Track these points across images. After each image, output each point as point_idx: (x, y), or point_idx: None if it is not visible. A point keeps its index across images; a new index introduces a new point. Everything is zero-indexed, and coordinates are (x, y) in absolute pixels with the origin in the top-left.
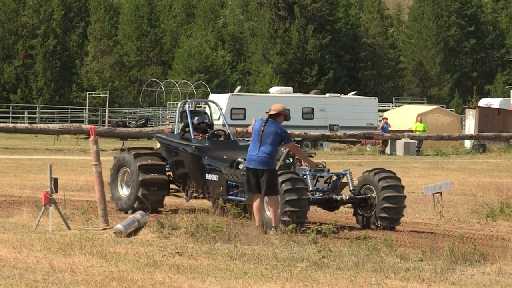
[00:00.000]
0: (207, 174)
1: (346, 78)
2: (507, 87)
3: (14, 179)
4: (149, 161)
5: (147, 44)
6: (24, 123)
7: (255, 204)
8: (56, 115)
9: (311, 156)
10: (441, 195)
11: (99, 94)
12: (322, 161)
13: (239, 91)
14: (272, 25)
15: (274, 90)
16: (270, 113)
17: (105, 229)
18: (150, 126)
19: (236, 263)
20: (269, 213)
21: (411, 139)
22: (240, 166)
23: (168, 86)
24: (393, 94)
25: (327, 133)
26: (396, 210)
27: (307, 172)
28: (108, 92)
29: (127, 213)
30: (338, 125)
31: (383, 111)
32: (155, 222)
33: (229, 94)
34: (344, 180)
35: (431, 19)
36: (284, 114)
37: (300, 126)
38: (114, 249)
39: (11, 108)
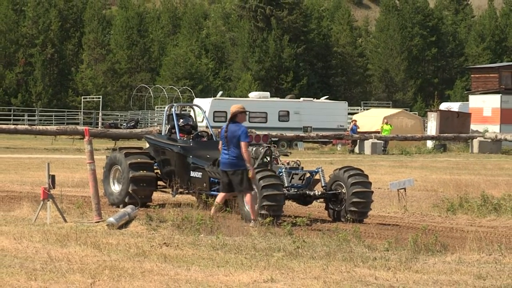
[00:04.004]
0: (191, 172)
1: (318, 84)
2: (466, 92)
3: (15, 176)
4: (139, 159)
5: (137, 52)
6: (24, 125)
7: (218, 200)
8: (53, 117)
9: (287, 155)
10: (405, 191)
11: (93, 98)
12: (297, 160)
13: (221, 95)
14: (251, 35)
15: (253, 94)
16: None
17: (98, 222)
18: (140, 128)
19: (218, 253)
20: (247, 207)
21: (378, 140)
22: None
23: (156, 91)
24: (362, 98)
25: (301, 134)
26: (364, 204)
27: (283, 170)
28: (101, 96)
29: (118, 207)
30: (311, 127)
31: (352, 114)
32: (144, 215)
33: (212, 98)
34: (317, 177)
35: (396, 30)
36: (240, 112)
37: (277, 127)
38: (107, 240)
39: (12, 111)
